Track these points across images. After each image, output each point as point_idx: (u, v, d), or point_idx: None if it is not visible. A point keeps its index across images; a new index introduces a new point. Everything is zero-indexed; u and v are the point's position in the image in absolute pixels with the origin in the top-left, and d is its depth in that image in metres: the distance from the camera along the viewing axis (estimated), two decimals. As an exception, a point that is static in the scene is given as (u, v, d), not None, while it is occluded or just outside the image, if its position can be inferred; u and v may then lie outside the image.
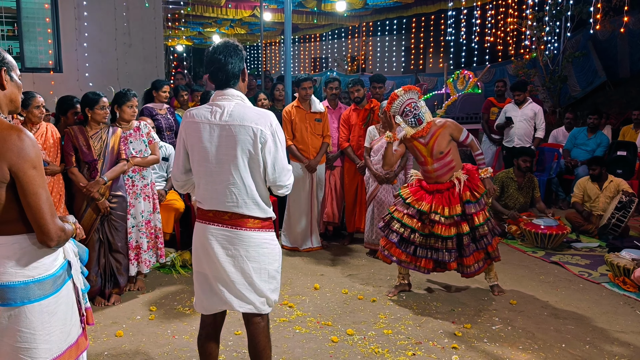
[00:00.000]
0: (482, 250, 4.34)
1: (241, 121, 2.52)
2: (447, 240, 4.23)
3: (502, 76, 13.30)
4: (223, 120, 2.54)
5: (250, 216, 2.60)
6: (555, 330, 3.92)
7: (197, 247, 2.70)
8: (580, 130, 7.90)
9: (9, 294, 1.94)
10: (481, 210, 4.28)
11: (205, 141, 2.55)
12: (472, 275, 4.38)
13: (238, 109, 2.56)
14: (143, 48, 8.87)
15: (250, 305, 2.65)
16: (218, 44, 2.61)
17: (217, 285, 2.63)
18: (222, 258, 2.59)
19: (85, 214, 4.16)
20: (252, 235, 2.61)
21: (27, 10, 8.28)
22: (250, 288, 2.63)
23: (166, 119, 5.95)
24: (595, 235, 6.24)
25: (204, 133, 2.55)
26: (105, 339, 3.74)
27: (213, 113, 2.57)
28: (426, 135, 4.30)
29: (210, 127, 2.55)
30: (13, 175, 1.88)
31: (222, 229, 2.60)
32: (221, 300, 2.65)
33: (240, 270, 2.60)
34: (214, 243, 2.60)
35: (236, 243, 2.59)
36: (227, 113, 2.55)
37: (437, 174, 4.33)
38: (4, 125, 1.91)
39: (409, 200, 4.34)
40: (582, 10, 9.92)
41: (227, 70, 2.57)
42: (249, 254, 2.60)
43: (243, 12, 14.25)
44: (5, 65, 1.99)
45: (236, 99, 2.60)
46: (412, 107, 4.26)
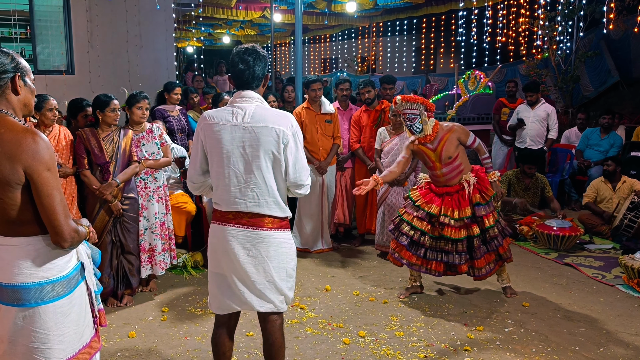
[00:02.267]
0: (492, 252, 4.31)
1: (263, 122, 2.57)
2: (457, 242, 4.21)
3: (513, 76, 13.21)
4: (245, 121, 2.58)
5: (270, 216, 2.64)
6: (569, 333, 3.88)
7: (216, 248, 2.71)
8: (593, 131, 7.82)
9: (23, 295, 1.97)
10: (491, 212, 4.26)
11: (227, 142, 2.58)
12: (484, 277, 4.35)
13: (259, 110, 2.61)
14: (154, 50, 8.93)
15: (270, 305, 2.69)
16: (246, 47, 2.67)
17: (237, 285, 2.66)
18: (243, 259, 2.62)
19: (97, 216, 4.19)
20: (272, 234, 2.65)
21: (39, 13, 8.36)
22: (270, 287, 2.67)
23: (178, 120, 5.98)
24: (609, 236, 6.18)
25: (225, 134, 2.58)
26: (118, 340, 3.76)
27: (234, 115, 2.60)
28: (434, 141, 4.29)
29: (231, 128, 2.58)
30: (28, 177, 1.91)
31: (243, 229, 2.62)
32: (240, 301, 2.69)
33: (261, 270, 2.64)
34: (234, 244, 2.62)
35: (257, 243, 2.62)
36: (248, 115, 2.59)
37: (446, 178, 4.32)
38: (18, 128, 1.93)
39: (418, 203, 4.33)
40: (594, 9, 9.83)
41: (253, 72, 2.64)
42: (269, 253, 2.64)
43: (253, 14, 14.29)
44: (19, 70, 2.02)
45: (256, 101, 2.65)
46: (407, 118, 4.27)
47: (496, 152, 8.37)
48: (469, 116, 10.48)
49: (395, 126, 5.43)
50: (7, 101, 2.00)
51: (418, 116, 4.24)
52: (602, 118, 7.69)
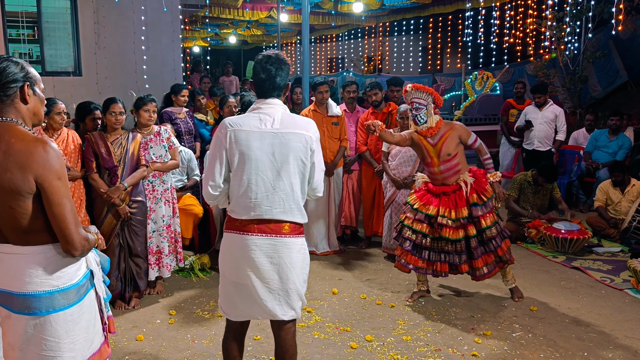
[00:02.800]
0: (491, 253, 4.28)
1: (293, 128, 2.59)
2: (456, 243, 4.22)
3: (521, 76, 13.15)
4: (274, 128, 2.58)
5: (292, 222, 2.64)
6: (577, 338, 3.87)
7: (236, 258, 2.65)
8: (602, 132, 7.78)
9: (34, 303, 1.98)
10: (488, 212, 4.24)
11: (256, 149, 2.56)
12: (482, 278, 4.32)
13: (286, 116, 2.64)
14: (161, 52, 8.96)
15: (292, 312, 2.69)
16: (270, 55, 2.67)
17: (260, 295, 2.63)
18: (266, 267, 2.60)
19: (105, 219, 4.21)
20: (293, 241, 2.65)
21: (47, 14, 8.41)
22: (292, 294, 2.67)
23: (185, 122, 5.99)
24: (617, 239, 6.14)
25: (254, 141, 2.56)
26: (126, 343, 3.78)
27: (262, 121, 2.59)
28: (435, 136, 4.29)
29: (260, 135, 2.57)
30: (39, 186, 1.92)
31: (266, 238, 2.60)
32: (263, 310, 2.66)
33: (285, 277, 2.63)
34: (257, 253, 2.59)
35: (280, 250, 2.61)
36: (277, 121, 2.60)
37: (443, 175, 4.32)
38: (29, 137, 1.94)
39: (416, 206, 4.33)
40: (603, 9, 9.76)
41: (275, 82, 2.65)
42: (291, 260, 2.64)
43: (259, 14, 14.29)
44: (28, 80, 2.03)
45: (281, 107, 2.67)
46: (414, 107, 4.27)
47: (504, 153, 8.34)
48: (476, 117, 10.45)
49: (402, 129, 5.41)
50: (17, 110, 2.01)
51: (425, 107, 4.24)
52: (610, 120, 7.64)
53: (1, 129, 1.95)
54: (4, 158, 1.90)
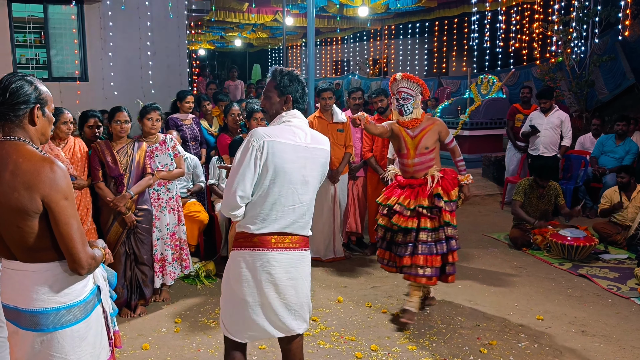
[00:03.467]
0: (439, 255, 4.11)
1: (318, 144, 2.65)
2: (406, 233, 4.14)
3: (527, 79, 13.12)
4: (307, 142, 2.60)
5: (305, 236, 2.68)
6: (583, 348, 3.85)
7: (253, 276, 2.57)
8: (608, 137, 7.74)
9: (41, 320, 2.00)
10: (451, 211, 4.16)
11: (290, 162, 2.55)
12: (412, 278, 4.13)
13: (312, 132, 2.69)
14: (167, 57, 8.99)
15: (305, 324, 2.72)
16: (295, 71, 2.72)
17: (276, 311, 2.59)
18: (284, 283, 2.58)
19: (112, 228, 4.22)
20: (307, 254, 2.69)
21: (54, 20, 8.47)
22: (305, 307, 2.69)
23: (191, 129, 6.01)
24: (624, 246, 6.11)
25: (289, 154, 2.55)
26: (131, 352, 3.79)
27: (296, 135, 2.59)
28: (416, 128, 4.27)
29: (295, 148, 2.56)
30: (45, 206, 1.93)
31: (286, 252, 2.59)
32: (278, 326, 2.63)
33: (300, 291, 2.64)
34: (277, 269, 2.56)
35: (297, 264, 2.63)
36: (308, 135, 2.63)
37: (415, 169, 4.28)
38: (37, 157, 1.95)
39: (379, 200, 4.34)
40: (610, 13, 9.72)
41: (304, 94, 2.72)
42: (305, 272, 2.68)
43: (265, 17, 14.33)
44: (39, 102, 2.03)
45: (305, 121, 2.71)
46: (401, 97, 4.23)
47: (509, 158, 8.31)
48: (482, 121, 10.42)
49: None
50: (24, 130, 2.01)
51: (413, 98, 4.21)
52: (616, 125, 7.60)
53: (9, 148, 1.96)
54: (12, 178, 1.91)
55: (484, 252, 6.07)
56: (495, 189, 8.93)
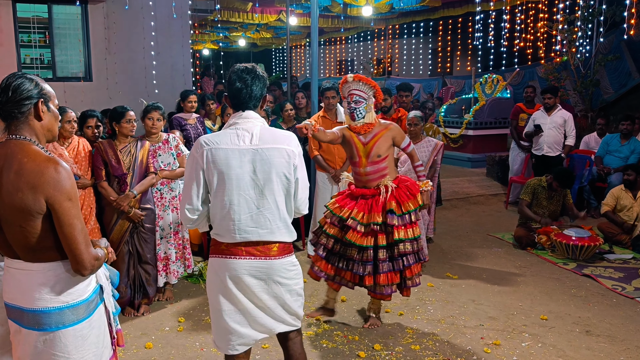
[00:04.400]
0: (398, 272, 3.92)
1: (273, 143, 2.48)
2: (362, 251, 3.86)
3: (531, 79, 13.07)
4: (254, 144, 2.47)
5: (280, 242, 2.56)
6: (587, 348, 3.83)
7: (224, 283, 2.54)
8: (613, 137, 7.70)
9: (44, 320, 2.00)
10: (405, 225, 3.88)
11: (236, 167, 2.44)
12: (381, 297, 4.00)
13: (265, 131, 2.53)
14: (170, 57, 9.01)
15: (284, 325, 2.67)
16: (245, 65, 2.58)
17: (252, 314, 2.58)
18: (256, 288, 2.54)
19: (115, 227, 4.23)
20: (282, 262, 2.58)
21: (58, 20, 8.49)
22: (284, 310, 2.64)
23: (195, 128, 6.01)
24: (629, 246, 6.08)
25: (233, 160, 2.45)
26: (135, 351, 3.80)
27: (240, 137, 2.48)
28: (368, 134, 3.99)
29: (239, 152, 2.45)
30: (49, 207, 1.93)
31: (254, 261, 2.51)
32: (259, 328, 2.62)
33: (274, 296, 2.59)
34: (246, 277, 2.51)
35: (269, 272, 2.55)
36: (256, 136, 2.48)
37: (368, 178, 4.02)
38: (41, 157, 1.95)
39: (331, 208, 4.03)
40: (615, 12, 9.68)
41: (251, 92, 2.54)
42: (281, 280, 2.58)
43: (269, 17, 14.32)
44: (43, 96, 2.03)
45: (259, 121, 2.56)
46: (352, 100, 3.94)
47: (513, 158, 8.29)
48: (486, 120, 10.41)
49: (411, 135, 5.40)
50: (30, 128, 2.01)
51: (365, 101, 3.93)
52: (621, 124, 7.56)
53: (15, 147, 1.96)
54: (16, 178, 1.91)
55: (488, 251, 6.05)
56: (499, 189, 8.91)
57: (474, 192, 8.69)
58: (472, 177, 9.52)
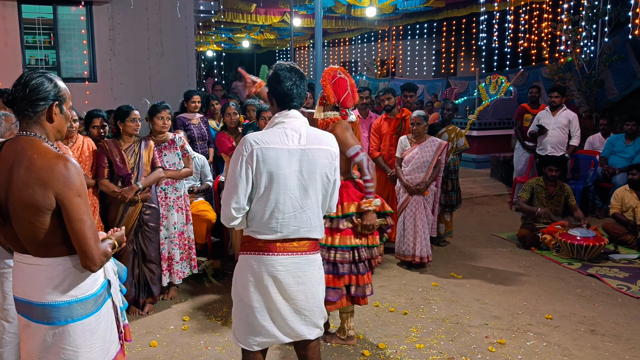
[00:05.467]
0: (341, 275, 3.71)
1: (319, 144, 2.52)
2: None
3: (535, 80, 13.05)
4: (302, 144, 2.48)
5: (314, 239, 2.59)
6: (592, 347, 3.82)
7: (259, 281, 2.51)
8: (618, 137, 7.69)
9: (53, 313, 2.02)
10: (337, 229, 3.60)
11: (285, 167, 2.44)
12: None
13: (311, 131, 2.55)
14: (175, 57, 9.04)
15: (317, 329, 2.64)
16: (290, 65, 2.59)
17: (284, 317, 2.54)
18: (292, 288, 2.52)
19: (119, 226, 4.24)
20: (316, 257, 2.61)
21: (63, 21, 8.54)
22: (317, 312, 2.61)
23: (199, 128, 6.03)
24: (634, 246, 6.06)
25: (283, 159, 2.45)
26: (140, 349, 3.81)
27: (289, 137, 2.48)
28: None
29: (289, 152, 2.46)
30: (59, 203, 1.95)
31: (292, 257, 2.51)
32: (286, 331, 2.58)
33: (310, 296, 2.57)
34: (284, 274, 2.50)
35: (306, 268, 2.55)
36: (303, 136, 2.50)
37: None
38: (51, 154, 1.97)
39: None
40: (619, 13, 9.66)
41: (300, 90, 2.56)
42: (315, 277, 2.59)
43: (272, 18, 14.37)
44: (58, 99, 2.05)
45: (303, 120, 2.57)
46: None
47: (518, 158, 8.28)
48: (490, 121, 10.39)
49: (415, 135, 5.40)
50: (41, 126, 2.04)
51: None
52: (626, 124, 7.55)
53: (25, 143, 1.98)
54: (26, 174, 1.93)
55: (492, 251, 6.04)
56: (503, 189, 8.90)
57: (478, 193, 8.68)
58: (477, 178, 9.51)
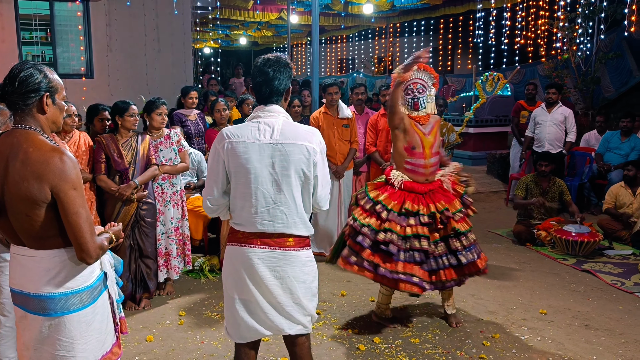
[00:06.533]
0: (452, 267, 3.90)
1: (294, 139, 2.46)
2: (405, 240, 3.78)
3: (532, 77, 13.07)
4: (274, 139, 2.46)
5: (296, 235, 2.54)
6: (586, 341, 3.85)
7: (238, 272, 2.54)
8: (614, 134, 7.73)
9: (49, 305, 2.03)
10: (461, 218, 3.96)
11: (255, 162, 2.45)
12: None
13: (287, 126, 2.50)
14: (172, 54, 9.04)
15: (299, 326, 2.59)
16: (269, 57, 2.54)
17: (263, 309, 2.53)
18: (269, 281, 2.50)
19: (116, 221, 4.25)
20: (298, 254, 2.54)
21: (60, 17, 8.52)
22: (297, 309, 2.57)
23: (196, 124, 6.03)
24: (629, 242, 6.10)
25: (253, 153, 2.45)
26: (136, 344, 3.82)
27: (261, 132, 2.47)
28: (427, 125, 3.91)
29: (259, 146, 2.45)
30: (54, 196, 1.95)
31: (269, 251, 2.50)
32: (268, 325, 2.56)
33: (288, 291, 2.53)
34: (260, 266, 2.49)
35: (284, 264, 2.51)
36: (277, 131, 2.47)
37: (431, 170, 3.92)
38: (47, 147, 1.97)
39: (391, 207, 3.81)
40: (616, 10, 9.68)
41: (273, 86, 2.51)
42: (295, 273, 2.54)
43: (270, 15, 14.35)
44: (49, 90, 2.05)
45: (282, 115, 2.54)
46: (417, 88, 3.88)
47: (514, 155, 8.32)
48: (487, 118, 10.41)
49: None
50: (35, 119, 2.04)
51: (427, 90, 3.90)
52: (621, 121, 7.59)
53: (20, 137, 1.99)
54: (22, 167, 1.94)
55: (487, 247, 6.07)
56: (499, 186, 8.93)
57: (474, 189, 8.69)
58: (473, 175, 9.44)
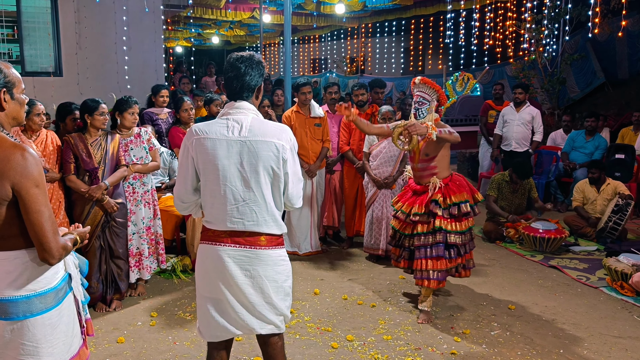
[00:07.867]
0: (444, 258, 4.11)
1: (263, 136, 2.43)
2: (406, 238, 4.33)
3: (501, 77, 13.32)
4: (242, 135, 2.43)
5: (267, 234, 2.50)
6: (554, 335, 3.95)
7: (208, 270, 2.52)
8: (579, 133, 7.93)
9: (11, 308, 1.97)
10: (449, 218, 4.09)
11: (223, 158, 2.42)
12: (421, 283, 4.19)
13: (256, 123, 2.47)
14: (142, 52, 8.91)
15: (270, 326, 2.57)
16: (243, 54, 2.52)
17: (234, 308, 2.50)
18: (240, 280, 2.47)
19: (86, 221, 4.18)
20: (269, 253, 2.51)
21: (27, 14, 8.32)
22: (269, 308, 2.54)
23: (167, 123, 5.97)
24: (594, 238, 6.27)
25: (221, 150, 2.42)
26: (107, 345, 3.77)
27: (230, 128, 2.44)
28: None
29: (227, 143, 2.42)
30: (16, 194, 1.90)
31: (239, 249, 2.47)
32: (239, 324, 2.53)
33: (259, 290, 2.50)
34: (230, 265, 2.46)
35: (255, 263, 2.48)
36: (245, 128, 2.44)
37: (418, 174, 4.31)
38: (7, 143, 1.92)
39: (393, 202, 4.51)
40: (580, 12, 9.94)
41: (244, 81, 2.49)
42: (267, 273, 2.50)
43: (242, 14, 14.25)
44: (6, 85, 1.99)
45: (251, 112, 2.51)
46: (417, 101, 4.20)
47: (483, 154, 8.46)
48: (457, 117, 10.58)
49: None
50: None
51: (428, 103, 4.17)
52: (586, 121, 7.79)
53: None
54: None
55: (458, 245, 6.16)
56: (470, 185, 9.06)
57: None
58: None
